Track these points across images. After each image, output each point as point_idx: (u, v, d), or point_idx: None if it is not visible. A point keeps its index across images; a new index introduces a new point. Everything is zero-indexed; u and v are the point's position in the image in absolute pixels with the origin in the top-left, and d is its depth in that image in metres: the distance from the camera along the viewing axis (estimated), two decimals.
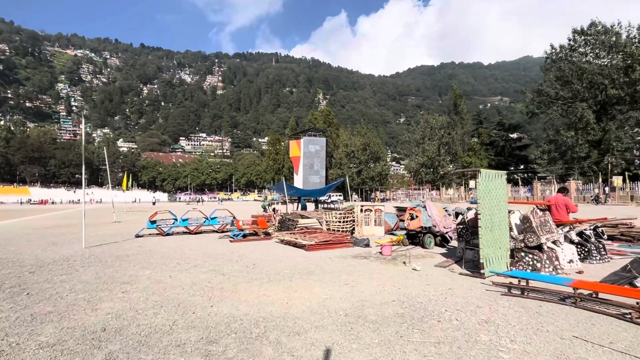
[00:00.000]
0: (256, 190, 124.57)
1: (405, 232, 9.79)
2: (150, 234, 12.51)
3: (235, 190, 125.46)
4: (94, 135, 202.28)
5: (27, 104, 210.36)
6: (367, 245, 9.25)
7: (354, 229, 11.26)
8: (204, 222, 12.86)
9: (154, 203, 55.22)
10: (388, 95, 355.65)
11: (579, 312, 4.13)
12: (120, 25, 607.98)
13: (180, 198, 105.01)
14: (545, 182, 43.25)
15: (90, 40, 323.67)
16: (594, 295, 4.46)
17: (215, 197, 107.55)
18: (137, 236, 11.97)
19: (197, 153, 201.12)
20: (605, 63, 40.48)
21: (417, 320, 3.85)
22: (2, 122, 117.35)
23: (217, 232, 13.05)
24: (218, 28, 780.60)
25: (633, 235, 9.29)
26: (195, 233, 12.59)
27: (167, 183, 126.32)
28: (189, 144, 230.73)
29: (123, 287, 5.37)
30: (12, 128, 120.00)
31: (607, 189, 34.18)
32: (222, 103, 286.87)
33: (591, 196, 33.39)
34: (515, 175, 53.39)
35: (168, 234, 12.23)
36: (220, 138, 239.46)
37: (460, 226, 7.62)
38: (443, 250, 8.73)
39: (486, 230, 5.84)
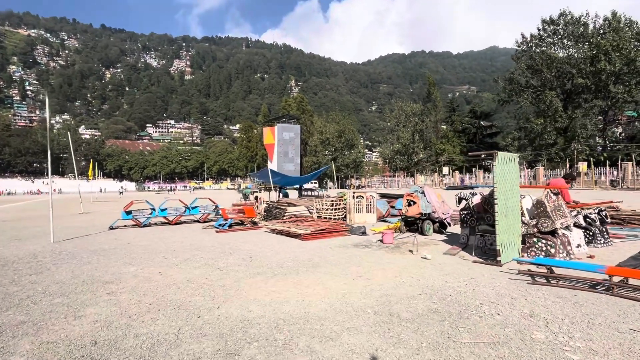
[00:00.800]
0: (228, 179, 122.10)
1: (401, 218, 9.48)
2: (125, 226, 11.59)
3: (207, 179, 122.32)
4: (53, 121, 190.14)
5: None
6: (364, 233, 8.88)
7: (345, 216, 10.85)
8: (185, 211, 12.04)
9: (121, 193, 52.54)
10: (360, 83, 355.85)
11: (617, 300, 3.90)
12: (77, 4, 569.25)
13: (149, 187, 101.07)
14: None
15: (45, 19, 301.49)
16: (625, 282, 4.27)
17: (186, 186, 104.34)
18: (111, 228, 11.03)
19: (166, 140, 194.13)
20: (573, 53, 41.99)
21: (456, 317, 3.47)
22: None
23: (198, 222, 12.28)
24: (185, 10, 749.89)
25: (622, 218, 9.43)
26: (176, 223, 11.77)
27: (134, 172, 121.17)
28: (156, 131, 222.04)
29: (107, 288, 4.68)
30: None
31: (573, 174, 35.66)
32: (190, 89, 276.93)
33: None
34: (485, 162, 54.90)
35: (145, 225, 11.36)
36: (190, 125, 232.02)
37: (464, 212, 7.37)
38: (442, 236, 8.49)
39: (502, 216, 5.56)
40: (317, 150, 73.49)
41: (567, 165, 36.49)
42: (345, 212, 10.75)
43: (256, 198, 16.22)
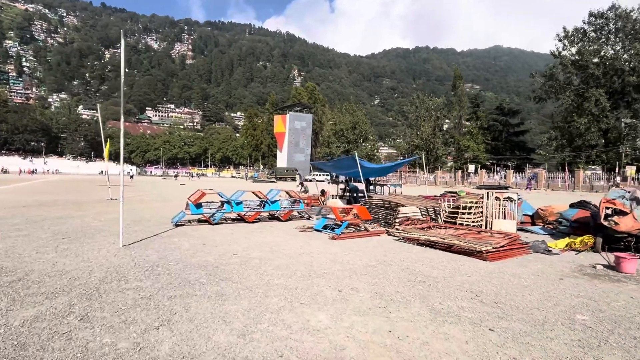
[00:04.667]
0: (231, 167, 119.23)
1: (583, 230, 7.10)
2: (189, 221, 9.08)
3: (209, 166, 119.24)
4: (50, 99, 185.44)
5: None
6: (548, 250, 6.47)
7: (483, 223, 8.44)
8: (263, 206, 9.56)
9: (131, 177, 49.77)
10: (363, 76, 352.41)
11: None
12: None
13: (151, 172, 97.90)
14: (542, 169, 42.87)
15: None
16: None
17: (187, 172, 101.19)
18: (177, 225, 8.54)
19: (166, 125, 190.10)
20: (619, 50, 39.50)
21: None
22: None
23: (278, 219, 9.81)
24: None
25: None
26: (253, 221, 9.29)
27: (135, 155, 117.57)
28: (156, 115, 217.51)
29: None
30: None
31: (618, 178, 33.60)
32: (191, 73, 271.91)
33: (610, 184, 32.78)
34: (510, 162, 52.75)
35: (217, 223, 8.87)
36: (191, 110, 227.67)
37: None
38: None
39: None
40: (330, 141, 70.89)
41: (617, 168, 34.33)
42: (484, 218, 8.34)
43: (322, 192, 13.78)
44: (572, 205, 8.43)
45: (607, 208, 6.57)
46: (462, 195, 9.84)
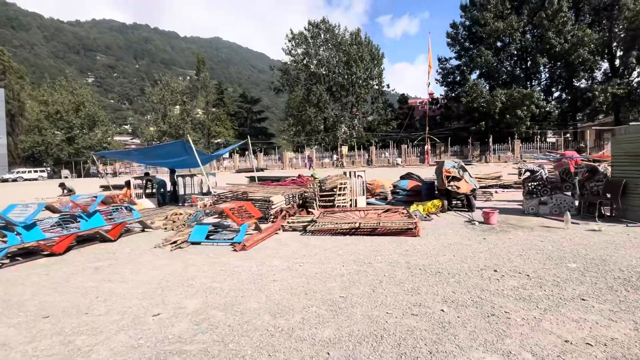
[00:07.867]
0: None
1: (431, 194, 8.65)
2: None
3: None
4: None
5: None
6: (425, 217, 7.50)
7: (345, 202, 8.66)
8: (78, 224, 6.01)
9: None
10: (68, 47, 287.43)
11: None
12: None
13: None
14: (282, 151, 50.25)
15: None
16: None
17: None
18: None
19: None
20: (331, 56, 50.64)
21: None
22: None
23: (107, 239, 6.42)
24: None
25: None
26: (66, 250, 5.68)
27: None
28: None
29: None
30: None
31: (335, 156, 43.81)
32: None
33: (332, 161, 42.12)
34: (257, 146, 57.89)
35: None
36: None
37: (533, 183, 7.67)
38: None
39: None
40: (41, 126, 53.88)
41: (339, 148, 44.42)
42: (351, 197, 8.57)
43: (128, 183, 10.32)
44: (402, 177, 10.11)
45: (447, 177, 8.25)
46: (317, 177, 9.85)
